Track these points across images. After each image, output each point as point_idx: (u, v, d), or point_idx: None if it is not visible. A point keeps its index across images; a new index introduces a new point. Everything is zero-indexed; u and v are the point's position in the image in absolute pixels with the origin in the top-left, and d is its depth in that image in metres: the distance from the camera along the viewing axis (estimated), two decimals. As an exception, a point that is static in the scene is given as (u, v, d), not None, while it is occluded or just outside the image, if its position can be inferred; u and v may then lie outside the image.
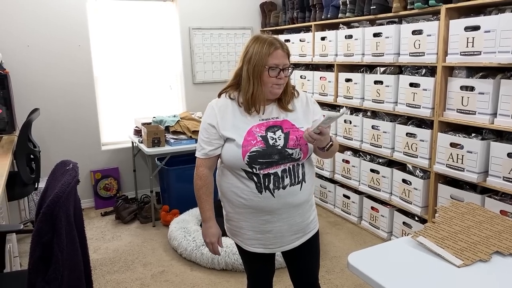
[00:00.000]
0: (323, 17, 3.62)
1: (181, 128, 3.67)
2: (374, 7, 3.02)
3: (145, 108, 4.23)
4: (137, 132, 3.84)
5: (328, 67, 3.78)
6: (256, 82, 1.51)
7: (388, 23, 3.08)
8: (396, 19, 3.06)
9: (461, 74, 2.50)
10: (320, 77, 3.69)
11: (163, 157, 3.60)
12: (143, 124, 3.70)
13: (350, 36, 3.28)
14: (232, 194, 1.59)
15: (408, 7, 2.76)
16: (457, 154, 2.50)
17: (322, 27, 3.71)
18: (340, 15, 3.41)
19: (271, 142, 1.53)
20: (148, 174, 3.69)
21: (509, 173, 2.25)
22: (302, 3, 3.93)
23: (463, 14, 2.49)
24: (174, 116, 3.85)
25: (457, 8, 2.46)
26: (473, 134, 2.47)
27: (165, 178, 3.77)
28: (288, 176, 1.55)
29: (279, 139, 1.54)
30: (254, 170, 1.51)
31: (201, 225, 3.22)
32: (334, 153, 1.64)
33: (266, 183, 1.53)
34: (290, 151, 1.54)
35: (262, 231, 1.60)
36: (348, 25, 3.48)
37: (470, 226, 1.49)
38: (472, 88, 2.41)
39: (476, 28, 2.32)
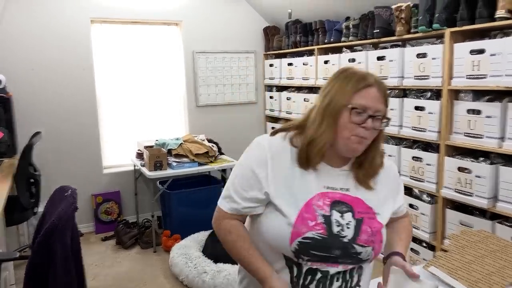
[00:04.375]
0: (326, 41, 3.64)
1: (183, 151, 3.64)
2: (378, 30, 3.03)
3: (147, 131, 4.21)
4: (140, 155, 3.81)
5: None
6: (328, 123, 1.05)
7: (391, 46, 3.08)
8: (400, 43, 3.06)
9: (467, 97, 2.47)
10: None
11: (165, 181, 3.55)
12: (146, 147, 3.67)
13: (353, 60, 3.28)
14: None
15: (412, 30, 2.77)
16: (466, 179, 2.44)
17: (325, 51, 3.72)
18: (343, 38, 3.42)
19: (335, 229, 1.05)
20: (150, 198, 3.64)
21: (520, 198, 2.18)
22: (305, 28, 3.96)
23: (467, 38, 2.48)
24: (177, 139, 3.82)
25: (462, 32, 2.46)
26: (481, 158, 2.42)
27: (167, 202, 3.71)
28: (340, 280, 1.09)
29: (348, 228, 1.06)
30: (300, 260, 1.06)
31: (203, 252, 3.18)
32: None
33: (306, 282, 1.07)
34: (359, 248, 1.06)
35: None
36: (351, 48, 3.49)
37: (483, 256, 1.43)
38: (478, 112, 2.37)
39: (481, 51, 2.30)
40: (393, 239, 1.21)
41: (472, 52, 2.35)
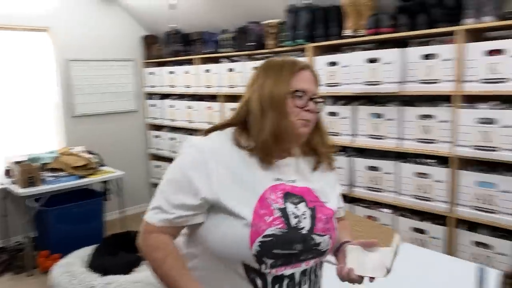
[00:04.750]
0: (205, 51, 3.82)
1: (59, 165, 3.42)
2: (251, 43, 3.32)
3: (18, 146, 3.81)
4: (8, 173, 3.45)
5: (213, 97, 3.96)
6: (276, 114, 1.01)
7: (264, 58, 3.41)
8: (271, 55, 3.40)
9: (328, 102, 2.89)
10: (207, 107, 3.85)
11: (40, 197, 3.29)
12: (16, 162, 3.35)
13: (232, 69, 3.52)
14: None
15: (279, 44, 3.12)
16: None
17: (205, 60, 3.90)
18: (221, 49, 3.65)
19: (293, 221, 0.99)
20: (22, 218, 3.33)
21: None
22: (185, 38, 4.09)
23: (324, 51, 2.90)
24: (52, 152, 3.57)
25: (320, 47, 2.87)
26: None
27: (44, 220, 3.43)
28: (307, 283, 1.03)
29: (304, 218, 1.01)
30: (263, 267, 0.96)
31: (90, 266, 3.04)
32: None
33: None
34: (317, 238, 1.02)
35: None
36: (230, 58, 3.73)
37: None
38: (334, 114, 2.80)
39: (334, 63, 2.74)
40: (339, 234, 1.15)
41: (328, 64, 2.78)
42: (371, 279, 1.02)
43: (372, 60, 2.53)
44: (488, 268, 1.51)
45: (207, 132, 1.09)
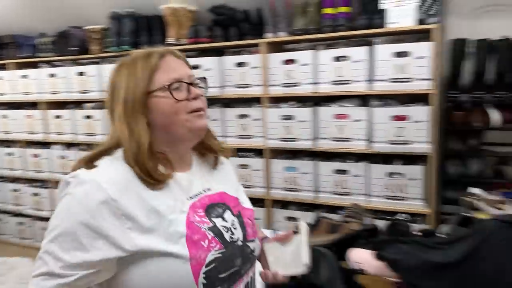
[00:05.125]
0: (20, 55, 3.50)
1: None
2: (74, 48, 3.21)
3: None
4: None
5: (34, 104, 3.66)
6: (139, 120, 0.85)
7: (90, 63, 3.32)
8: (98, 60, 3.34)
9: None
10: (27, 116, 3.53)
11: None
12: None
13: (53, 75, 3.32)
14: None
15: (105, 50, 3.12)
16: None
17: (20, 65, 3.56)
18: (40, 54, 3.40)
19: (227, 237, 0.90)
20: None
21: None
22: (-7, 40, 3.66)
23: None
24: None
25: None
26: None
27: None
28: None
29: (235, 228, 0.92)
30: None
31: None
32: None
33: None
34: (251, 245, 0.96)
35: None
36: (51, 63, 3.51)
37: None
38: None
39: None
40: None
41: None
42: (292, 278, 1.01)
43: (195, 67, 2.79)
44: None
45: (87, 162, 0.85)
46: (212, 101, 2.91)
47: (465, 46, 2.28)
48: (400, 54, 2.27)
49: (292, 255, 1.02)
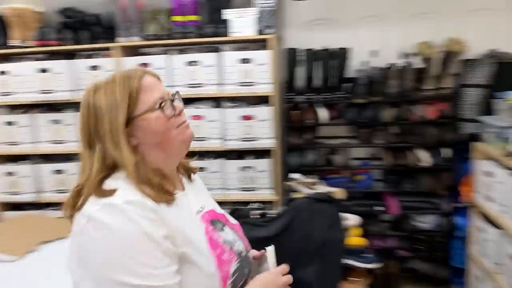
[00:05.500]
0: None
1: None
2: None
3: None
4: None
5: None
6: (128, 143, 0.85)
7: None
8: None
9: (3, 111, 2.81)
10: None
11: None
12: None
13: None
14: None
15: None
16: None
17: None
18: None
19: (235, 248, 0.97)
20: None
21: (58, 187, 2.79)
22: None
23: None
24: None
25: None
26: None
27: None
28: None
29: (236, 241, 0.98)
30: None
31: None
32: None
33: None
34: (249, 254, 1.04)
35: None
36: None
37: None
38: (11, 123, 2.77)
39: (4, 72, 2.71)
40: None
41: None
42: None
43: (44, 70, 2.67)
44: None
45: (102, 193, 0.81)
46: (64, 106, 2.81)
47: (296, 55, 2.65)
48: (245, 61, 2.53)
49: None
